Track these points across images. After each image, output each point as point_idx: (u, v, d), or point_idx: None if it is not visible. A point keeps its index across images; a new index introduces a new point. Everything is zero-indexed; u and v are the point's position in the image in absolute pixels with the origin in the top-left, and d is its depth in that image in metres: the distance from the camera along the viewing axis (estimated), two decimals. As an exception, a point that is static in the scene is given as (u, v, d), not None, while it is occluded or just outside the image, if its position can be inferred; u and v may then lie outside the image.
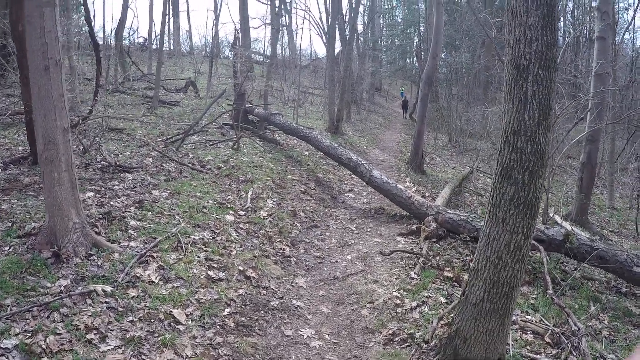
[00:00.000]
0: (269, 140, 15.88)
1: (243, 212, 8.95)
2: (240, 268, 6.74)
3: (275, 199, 10.14)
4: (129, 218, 7.44)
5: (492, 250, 4.62)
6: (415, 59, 53.83)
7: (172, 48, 42.27)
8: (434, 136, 24.38)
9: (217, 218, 8.32)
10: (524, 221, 4.46)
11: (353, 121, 27.00)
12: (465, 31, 29.69)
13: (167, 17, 18.76)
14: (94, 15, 40.33)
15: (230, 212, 8.79)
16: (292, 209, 9.95)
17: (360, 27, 36.50)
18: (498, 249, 4.58)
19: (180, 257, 6.57)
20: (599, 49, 12.77)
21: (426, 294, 6.70)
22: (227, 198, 9.51)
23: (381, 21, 50.36)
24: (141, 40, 38.35)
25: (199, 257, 6.70)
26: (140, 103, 18.89)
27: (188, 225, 7.68)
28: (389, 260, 8.08)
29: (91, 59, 22.63)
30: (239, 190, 10.12)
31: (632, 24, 32.20)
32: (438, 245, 8.78)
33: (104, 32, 26.23)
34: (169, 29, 43.33)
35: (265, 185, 10.80)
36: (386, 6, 51.68)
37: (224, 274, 6.49)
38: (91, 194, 8.23)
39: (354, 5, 25.74)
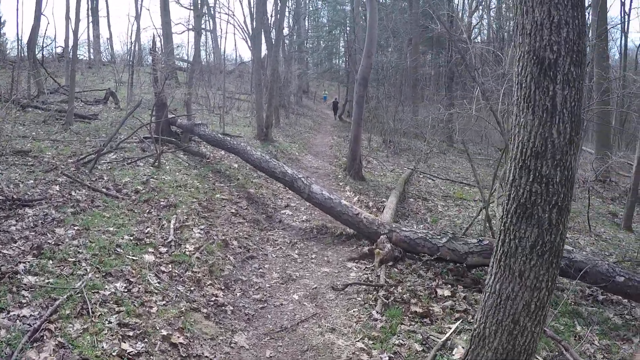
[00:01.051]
0: (194, 154, 14.20)
1: (165, 249, 7.32)
2: (164, 332, 5.11)
3: (202, 227, 8.53)
4: (22, 273, 5.71)
5: (505, 313, 3.28)
6: (341, 60, 53.15)
7: (92, 57, 39.56)
8: (368, 138, 23.14)
9: (134, 260, 6.67)
10: (548, 273, 3.14)
11: (282, 126, 25.58)
12: (392, 30, 28.81)
13: (79, 21, 16.65)
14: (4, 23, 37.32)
15: (150, 249, 7.15)
16: (224, 237, 8.33)
17: (285, 30, 35.18)
18: (514, 311, 3.24)
19: (86, 325, 4.90)
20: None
21: (397, 342, 5.36)
22: (146, 231, 7.86)
23: (306, 23, 49.16)
24: (59, 50, 35.60)
25: (110, 322, 5.05)
26: (55, 118, 16.80)
27: (97, 276, 6.01)
28: (344, 296, 6.64)
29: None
30: (159, 219, 8.48)
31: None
32: (396, 270, 7.45)
33: (19, 42, 23.63)
34: (88, 37, 40.67)
35: (191, 210, 9.19)
36: (311, 8, 50.42)
37: (142, 344, 4.86)
38: (-20, 239, 6.53)
39: (279, 8, 24.29)
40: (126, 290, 5.87)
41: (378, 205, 11.49)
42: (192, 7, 27.00)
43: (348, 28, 38.73)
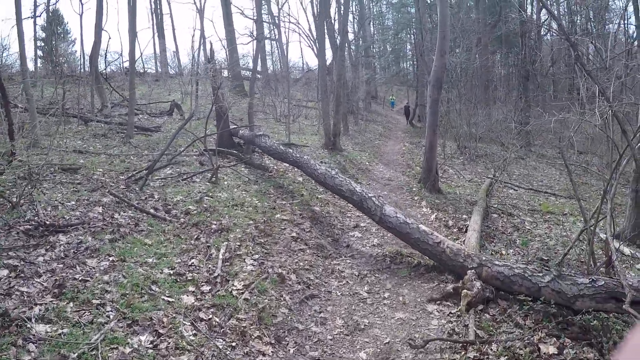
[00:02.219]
0: (256, 167, 13.01)
1: (208, 287, 6.03)
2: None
3: (256, 257, 7.18)
4: (34, 321, 4.61)
5: None
6: (409, 63, 51.43)
7: (159, 70, 39.44)
8: (442, 144, 21.35)
9: (169, 302, 5.44)
10: None
11: (351, 133, 24.16)
12: (460, 29, 26.97)
13: (136, 34, 15.94)
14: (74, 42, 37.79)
15: (190, 288, 5.90)
16: (280, 269, 6.90)
17: (350, 35, 33.92)
18: None
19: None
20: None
21: None
22: (190, 262, 6.65)
23: (371, 27, 47.66)
24: (127, 64, 35.65)
25: (121, 397, 3.82)
26: (116, 132, 16.12)
27: (121, 325, 4.83)
28: (424, 355, 5.10)
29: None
30: (208, 247, 7.24)
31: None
32: (488, 316, 5.85)
33: (82, 57, 23.53)
34: (154, 50, 40.73)
35: (246, 234, 7.89)
36: (375, 12, 48.93)
37: None
38: (5, 272, 5.52)
39: (342, 11, 22.98)
40: (152, 346, 4.64)
41: (459, 225, 9.84)
42: (254, 17, 26.18)
43: (414, 30, 37.07)
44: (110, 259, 6.33)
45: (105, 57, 26.93)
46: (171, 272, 6.25)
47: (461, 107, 23.02)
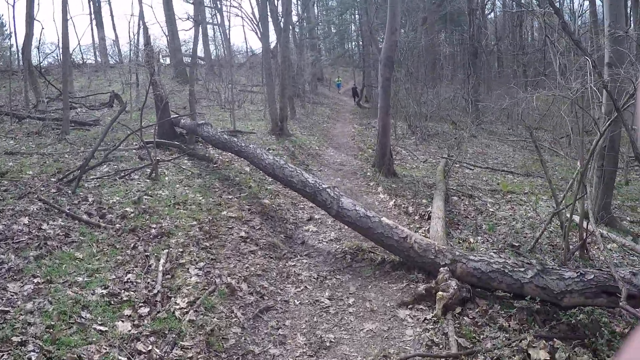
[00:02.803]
0: (200, 158, 11.95)
1: (147, 309, 5.08)
2: None
3: (201, 265, 6.25)
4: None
5: None
6: (354, 44, 50.79)
7: (99, 60, 37.46)
8: (393, 124, 20.65)
9: (102, 332, 4.52)
10: None
11: (299, 117, 23.23)
12: (406, 9, 26.36)
13: (67, 21, 14.53)
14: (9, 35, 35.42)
15: (126, 312, 4.96)
16: (229, 278, 5.97)
17: (294, 17, 32.81)
18: None
19: None
20: (612, 3, 9.09)
21: None
22: (126, 278, 5.69)
23: (315, 9, 46.61)
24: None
25: None
26: (51, 128, 14.80)
27: (41, 367, 3.92)
28: (402, 376, 4.36)
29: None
30: (146, 257, 6.28)
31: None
32: (468, 319, 5.12)
33: (17, 51, 21.85)
34: (92, 40, 38.74)
35: (189, 238, 6.95)
36: (319, -7, 47.94)
37: None
38: None
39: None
40: (80, 393, 3.73)
41: (420, 211, 9.12)
42: (192, 2, 24.94)
43: (359, 10, 36.37)
44: (35, 280, 5.32)
45: (39, 49, 25.10)
46: (104, 292, 5.28)
47: (410, 86, 22.44)
